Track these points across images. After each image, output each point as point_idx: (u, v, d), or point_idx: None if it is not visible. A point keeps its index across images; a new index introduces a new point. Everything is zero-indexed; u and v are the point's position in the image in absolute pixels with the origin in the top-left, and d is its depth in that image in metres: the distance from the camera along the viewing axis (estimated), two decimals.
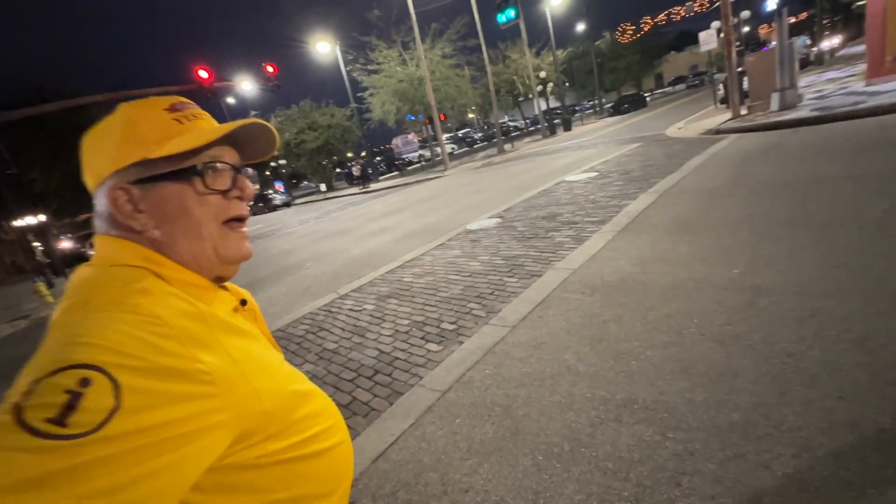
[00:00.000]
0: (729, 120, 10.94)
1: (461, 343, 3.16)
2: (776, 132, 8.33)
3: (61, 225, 23.14)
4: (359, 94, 23.99)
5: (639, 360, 2.41)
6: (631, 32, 42.26)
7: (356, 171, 24.84)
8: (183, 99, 0.60)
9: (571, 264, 4.04)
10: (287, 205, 28.59)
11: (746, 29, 17.69)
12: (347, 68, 23.13)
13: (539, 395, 2.34)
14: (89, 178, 0.57)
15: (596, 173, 8.53)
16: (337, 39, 22.89)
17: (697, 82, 41.71)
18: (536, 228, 5.63)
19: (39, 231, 20.57)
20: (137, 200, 0.54)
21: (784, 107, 10.12)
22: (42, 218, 19.48)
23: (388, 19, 21.70)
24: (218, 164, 0.58)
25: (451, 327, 3.46)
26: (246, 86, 15.54)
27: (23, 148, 18.28)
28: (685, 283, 3.15)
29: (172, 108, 0.57)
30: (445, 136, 47.02)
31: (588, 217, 5.53)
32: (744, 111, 11.35)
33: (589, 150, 13.30)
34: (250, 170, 0.65)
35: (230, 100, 38.41)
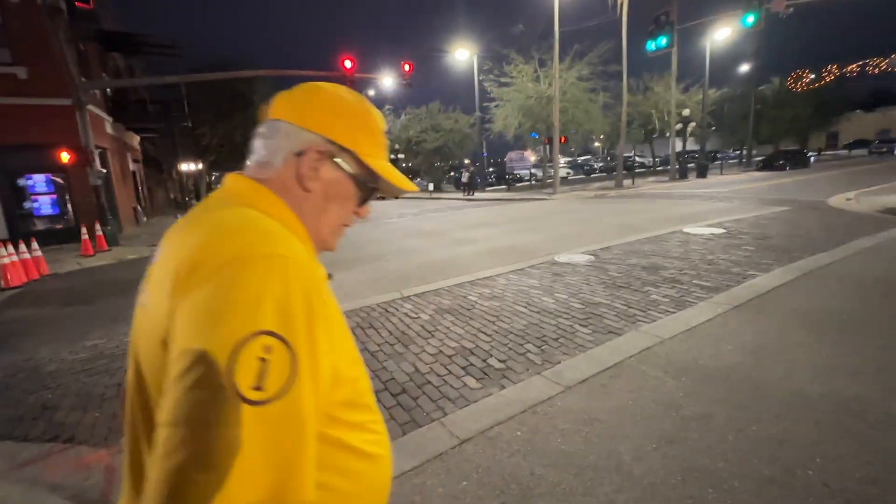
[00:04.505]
0: None
1: (502, 388, 2.74)
2: None
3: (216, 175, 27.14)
4: (485, 104, 24.26)
5: (720, 491, 1.78)
6: (809, 80, 36.30)
7: (465, 177, 25.14)
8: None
9: (661, 331, 3.35)
10: (395, 196, 30.04)
11: None
12: (480, 77, 23.52)
13: (570, 487, 1.86)
14: (299, 116, 0.60)
15: (723, 231, 7.31)
16: (476, 48, 23.42)
17: (884, 150, 34.69)
18: (631, 278, 4.90)
19: (197, 177, 24.36)
20: (320, 168, 0.61)
21: None
22: (201, 166, 23.01)
23: (532, 35, 21.61)
24: (377, 197, 0.70)
25: (499, 365, 3.05)
26: (385, 82, 16.58)
27: (199, 107, 21.78)
28: (816, 401, 2.34)
29: (383, 133, 0.68)
30: (564, 160, 45.52)
31: (698, 279, 4.65)
32: None
33: (721, 203, 11.63)
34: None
35: (371, 92, 41.89)
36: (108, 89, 16.63)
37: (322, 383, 0.49)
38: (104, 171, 13.91)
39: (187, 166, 22.71)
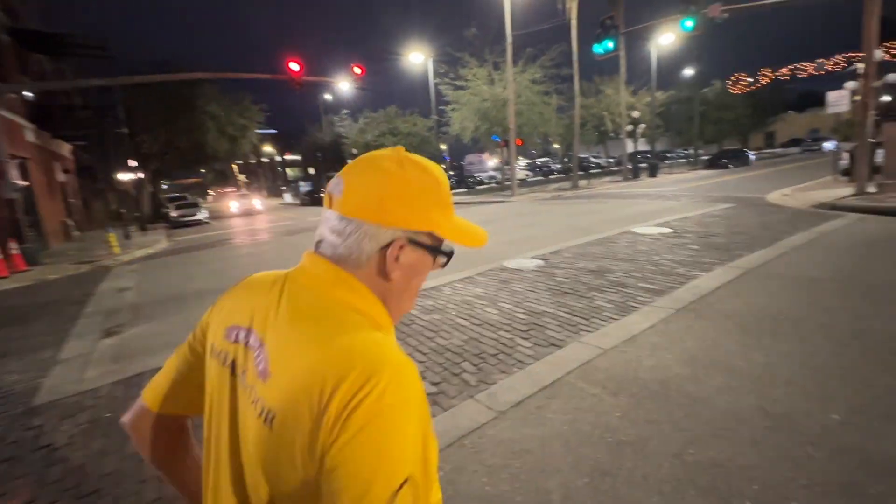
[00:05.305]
0: (851, 196, 9.20)
1: (432, 416, 2.48)
2: None
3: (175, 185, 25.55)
4: (440, 108, 24.13)
5: None
6: (746, 84, 38.71)
7: None
8: None
9: (603, 341, 3.21)
10: None
11: (888, 98, 15.19)
12: (435, 81, 23.37)
13: None
14: (377, 214, 0.57)
15: (670, 230, 7.42)
16: (431, 52, 23.27)
17: (816, 148, 37.43)
18: (578, 283, 4.79)
19: (139, 187, 22.82)
20: (401, 256, 0.59)
21: None
22: (141, 175, 21.56)
23: (485, 38, 21.66)
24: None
25: (431, 389, 2.80)
26: (341, 86, 16.07)
27: (139, 112, 20.41)
28: (752, 416, 2.23)
29: (449, 190, 0.63)
30: (523, 162, 46.10)
31: (643, 282, 4.60)
32: (871, 188, 9.51)
33: (670, 201, 11.95)
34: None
35: (327, 96, 40.92)
36: (29, 93, 15.24)
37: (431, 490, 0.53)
38: (22, 183, 12.67)
39: (126, 176, 21.24)
